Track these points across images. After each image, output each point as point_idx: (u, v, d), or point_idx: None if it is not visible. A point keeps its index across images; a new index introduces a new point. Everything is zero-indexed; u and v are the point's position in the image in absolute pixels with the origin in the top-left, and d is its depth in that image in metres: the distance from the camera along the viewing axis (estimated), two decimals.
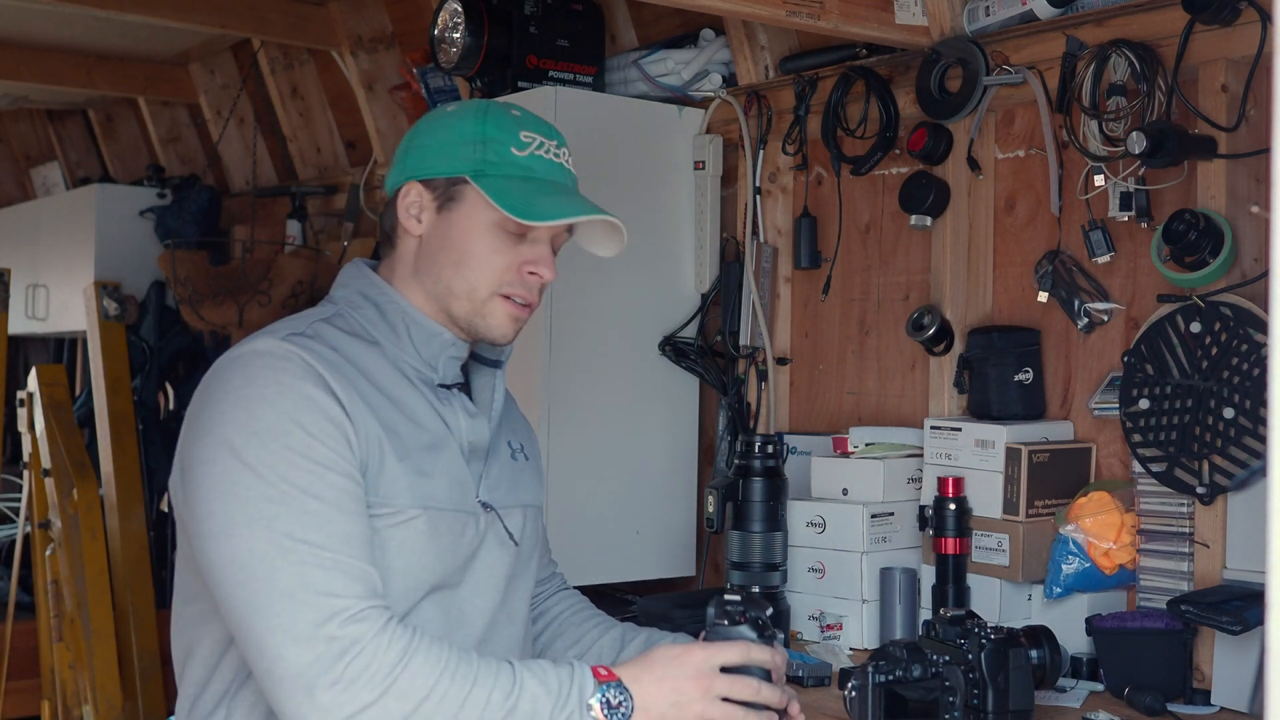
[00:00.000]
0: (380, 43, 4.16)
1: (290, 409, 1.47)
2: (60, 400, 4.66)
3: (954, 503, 2.32)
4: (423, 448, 1.59)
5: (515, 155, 1.64)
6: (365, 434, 1.52)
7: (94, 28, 4.53)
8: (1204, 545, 2.10)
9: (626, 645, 1.91)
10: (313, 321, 1.62)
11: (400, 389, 1.61)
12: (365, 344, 1.63)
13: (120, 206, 5.07)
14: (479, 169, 1.63)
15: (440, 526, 1.58)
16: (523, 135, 1.65)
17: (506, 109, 1.70)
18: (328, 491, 1.46)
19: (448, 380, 1.67)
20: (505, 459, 1.75)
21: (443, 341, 1.66)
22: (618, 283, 2.89)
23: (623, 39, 3.27)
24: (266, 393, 1.48)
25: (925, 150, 2.55)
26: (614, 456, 2.89)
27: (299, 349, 1.52)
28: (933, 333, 2.51)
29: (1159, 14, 2.20)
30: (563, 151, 1.69)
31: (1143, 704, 1.97)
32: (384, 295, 1.67)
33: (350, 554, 1.44)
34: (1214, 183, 2.13)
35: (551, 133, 1.69)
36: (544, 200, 1.61)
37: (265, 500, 1.44)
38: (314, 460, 1.46)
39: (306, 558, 1.42)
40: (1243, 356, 2.05)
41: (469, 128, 1.66)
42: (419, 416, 1.61)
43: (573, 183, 1.70)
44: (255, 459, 1.45)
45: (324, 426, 1.48)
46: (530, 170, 1.64)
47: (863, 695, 1.78)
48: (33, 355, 6.16)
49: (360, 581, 1.44)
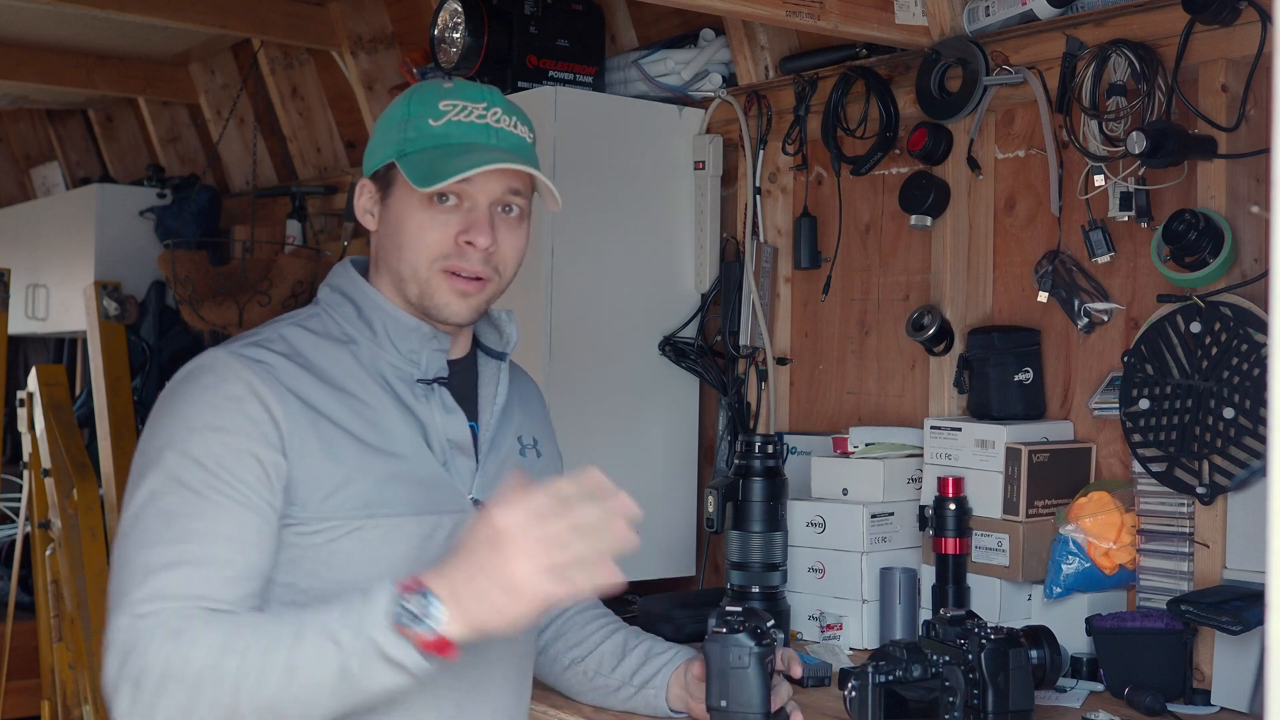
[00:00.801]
0: (380, 43, 4.16)
1: (214, 418, 1.50)
2: (60, 400, 4.66)
3: (954, 503, 2.32)
4: (381, 451, 1.57)
5: (431, 126, 1.61)
6: (303, 446, 1.51)
7: (94, 28, 4.53)
8: (1204, 545, 2.10)
9: (627, 654, 1.91)
10: (285, 325, 1.63)
11: (365, 389, 1.59)
12: (336, 344, 1.62)
13: (120, 206, 5.07)
14: (402, 149, 1.62)
15: (398, 533, 1.55)
16: (441, 104, 1.62)
17: (437, 84, 1.67)
18: (218, 493, 1.47)
19: (430, 374, 1.64)
20: (510, 455, 1.73)
21: (421, 335, 1.64)
22: (618, 283, 2.89)
23: (623, 39, 3.27)
24: (201, 403, 1.52)
25: (925, 150, 2.55)
26: (614, 456, 2.88)
27: (242, 364, 1.54)
28: (933, 333, 2.51)
29: (1159, 14, 2.20)
30: (492, 112, 1.63)
31: (1143, 704, 1.97)
32: (361, 293, 1.66)
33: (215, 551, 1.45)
34: (1214, 183, 2.13)
35: (480, 96, 1.64)
36: (449, 163, 1.57)
37: (162, 485, 1.48)
38: (211, 468, 1.48)
39: (169, 539, 1.45)
40: (1243, 356, 2.04)
41: (396, 112, 1.66)
42: (381, 418, 1.58)
43: (500, 140, 1.62)
44: (168, 454, 1.49)
45: (242, 440, 1.49)
46: (445, 137, 1.60)
47: (863, 695, 1.78)
48: (33, 355, 6.16)
49: (198, 583, 1.44)
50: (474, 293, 1.63)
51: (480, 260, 1.61)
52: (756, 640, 1.75)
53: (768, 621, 1.79)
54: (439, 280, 1.61)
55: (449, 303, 1.62)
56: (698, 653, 1.87)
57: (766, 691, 1.74)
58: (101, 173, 5.86)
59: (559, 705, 1.98)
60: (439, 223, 1.61)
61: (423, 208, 1.61)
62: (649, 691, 1.88)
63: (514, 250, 1.65)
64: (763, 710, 1.74)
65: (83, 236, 5.07)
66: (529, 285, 2.79)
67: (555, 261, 2.78)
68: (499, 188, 1.62)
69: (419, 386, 1.63)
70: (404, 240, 1.62)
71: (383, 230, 1.66)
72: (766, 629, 1.77)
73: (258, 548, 1.49)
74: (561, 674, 1.94)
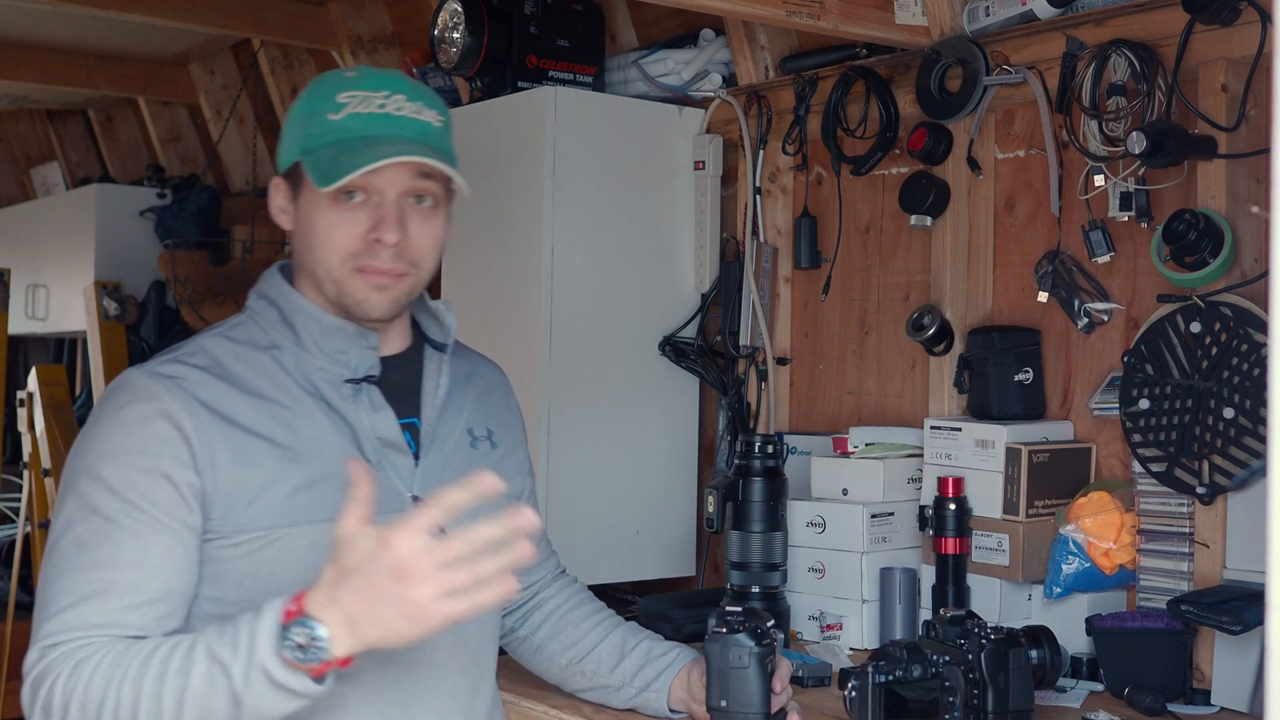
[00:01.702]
0: (380, 43, 4.16)
1: (125, 441, 1.50)
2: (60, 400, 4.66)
3: (954, 503, 2.31)
4: (302, 457, 1.54)
5: (330, 121, 1.56)
6: (215, 459, 1.50)
7: (94, 28, 4.53)
8: (1204, 545, 2.10)
9: (626, 655, 1.90)
10: (209, 336, 1.62)
11: (288, 395, 1.56)
12: (259, 351, 1.59)
13: (120, 206, 5.08)
14: (305, 146, 1.57)
15: (326, 538, 1.49)
16: (340, 97, 1.56)
17: (338, 74, 1.62)
18: (129, 518, 1.47)
19: (360, 373, 1.60)
20: (459, 448, 1.68)
21: (346, 334, 1.60)
22: (618, 283, 2.89)
23: (623, 39, 3.27)
24: (112, 425, 1.52)
25: (925, 150, 2.55)
26: (614, 456, 2.88)
27: (153, 382, 1.52)
28: (933, 333, 2.51)
29: (1159, 14, 2.20)
30: (393, 100, 1.57)
31: (1143, 704, 1.97)
32: (284, 296, 1.63)
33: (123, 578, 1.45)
34: (1214, 183, 2.13)
35: (380, 83, 1.58)
36: (349, 158, 1.52)
37: (76, 512, 1.49)
38: (123, 493, 1.47)
39: (80, 567, 1.46)
40: (1243, 356, 2.04)
41: (299, 108, 1.61)
42: (303, 424, 1.55)
43: (402, 129, 1.56)
44: (82, 479, 1.50)
45: (151, 461, 1.48)
46: (345, 130, 1.55)
47: (863, 695, 1.78)
48: (33, 355, 6.16)
49: (106, 611, 1.44)
50: (390, 285, 1.57)
51: (392, 257, 1.56)
52: (756, 640, 1.74)
53: (768, 621, 1.79)
54: (353, 279, 1.57)
55: (366, 298, 1.57)
56: (698, 653, 1.87)
57: (767, 691, 1.74)
58: (101, 173, 5.86)
59: (559, 705, 1.98)
60: (346, 220, 1.56)
61: (330, 206, 1.56)
62: (650, 694, 1.87)
63: (429, 240, 1.60)
64: (763, 710, 1.74)
65: (83, 236, 5.08)
66: (529, 285, 2.80)
67: (555, 261, 2.78)
68: (405, 179, 1.56)
69: (347, 387, 1.59)
70: (314, 241, 1.58)
71: (297, 230, 1.62)
72: (766, 629, 1.77)
73: (171, 569, 1.48)
74: (560, 673, 1.94)
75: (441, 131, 1.61)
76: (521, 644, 1.96)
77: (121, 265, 5.02)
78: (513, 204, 2.84)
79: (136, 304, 4.99)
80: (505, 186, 2.86)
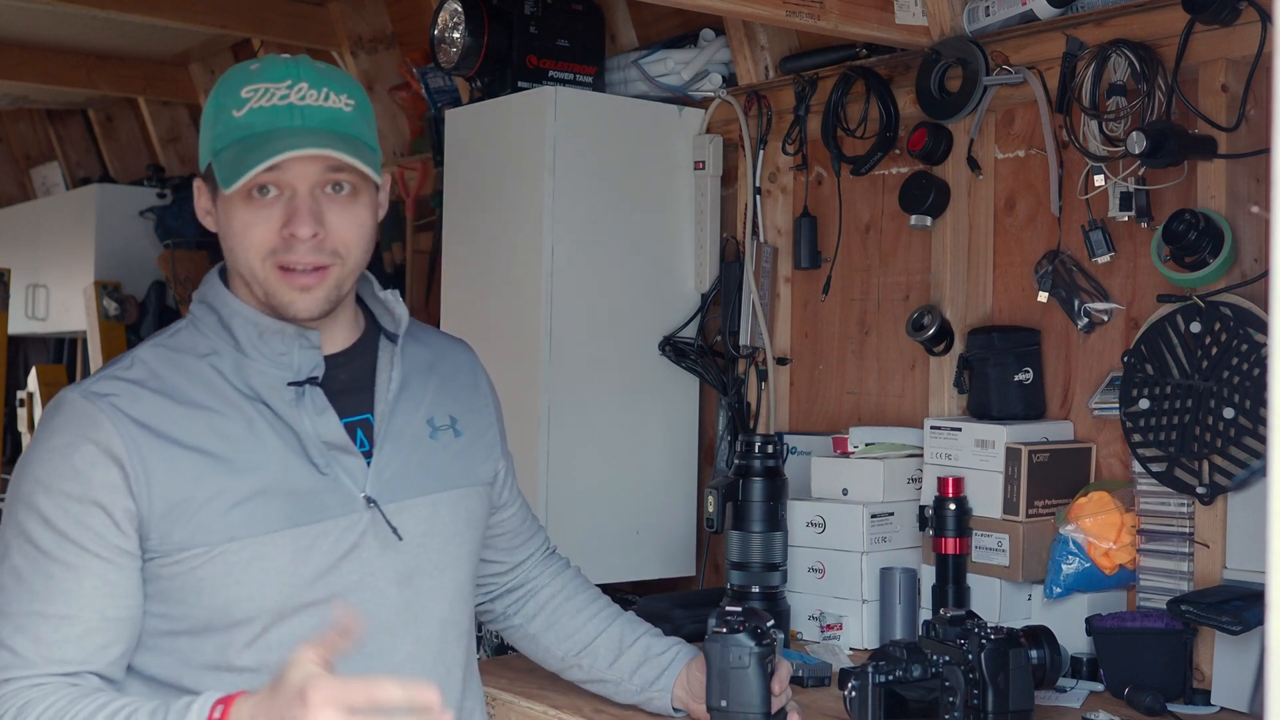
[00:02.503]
0: (380, 43, 4.16)
1: (56, 470, 1.48)
2: None
3: (954, 503, 2.31)
4: (241, 469, 1.51)
5: (235, 118, 1.51)
6: (150, 480, 1.47)
7: (94, 28, 4.53)
8: (1204, 545, 2.10)
9: (624, 650, 1.89)
10: (148, 346, 1.59)
11: (227, 404, 1.53)
12: (196, 359, 1.56)
13: (120, 206, 5.08)
14: (214, 146, 1.53)
15: (270, 549, 1.50)
16: (243, 92, 1.52)
17: (243, 68, 1.57)
18: (63, 550, 1.46)
19: (303, 375, 1.55)
20: (417, 441, 1.64)
21: (285, 335, 1.55)
22: (618, 283, 2.89)
23: (623, 39, 3.27)
24: (46, 453, 1.50)
25: (925, 150, 2.55)
26: (614, 456, 2.88)
27: (86, 404, 1.50)
28: (933, 333, 2.51)
29: (1159, 14, 2.20)
30: (296, 89, 1.51)
31: (1143, 704, 1.97)
32: (221, 300, 1.58)
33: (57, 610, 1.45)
34: (1214, 183, 2.13)
35: (283, 73, 1.53)
36: (250, 156, 1.48)
37: (13, 541, 1.48)
38: (57, 523, 1.47)
39: (17, 598, 1.46)
40: (1243, 356, 2.04)
41: (208, 107, 1.57)
42: (243, 433, 1.52)
43: (305, 119, 1.51)
44: (19, 508, 1.49)
45: (82, 489, 1.47)
46: (248, 127, 1.50)
47: (863, 695, 1.78)
48: (33, 355, 6.16)
49: (44, 644, 1.44)
50: (315, 285, 1.53)
51: (310, 250, 1.51)
52: (756, 640, 1.74)
53: (768, 621, 1.79)
54: (275, 277, 1.52)
55: (292, 300, 1.53)
56: (696, 649, 1.87)
57: (767, 691, 1.74)
58: (101, 173, 5.87)
59: (559, 705, 1.98)
60: (261, 218, 1.51)
61: (243, 205, 1.51)
62: (653, 693, 1.87)
63: (351, 228, 1.54)
64: (763, 710, 1.74)
65: (83, 236, 5.08)
66: (529, 285, 2.80)
67: (555, 261, 2.78)
68: (316, 170, 1.51)
69: (289, 390, 1.55)
70: (233, 241, 1.54)
71: (220, 232, 1.58)
72: (766, 629, 1.77)
73: (106, 599, 1.47)
74: (558, 664, 1.93)
75: (352, 117, 1.55)
76: (516, 632, 1.94)
77: (121, 265, 5.02)
78: (513, 204, 2.84)
79: (136, 304, 4.99)
80: (505, 186, 2.86)
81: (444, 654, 1.66)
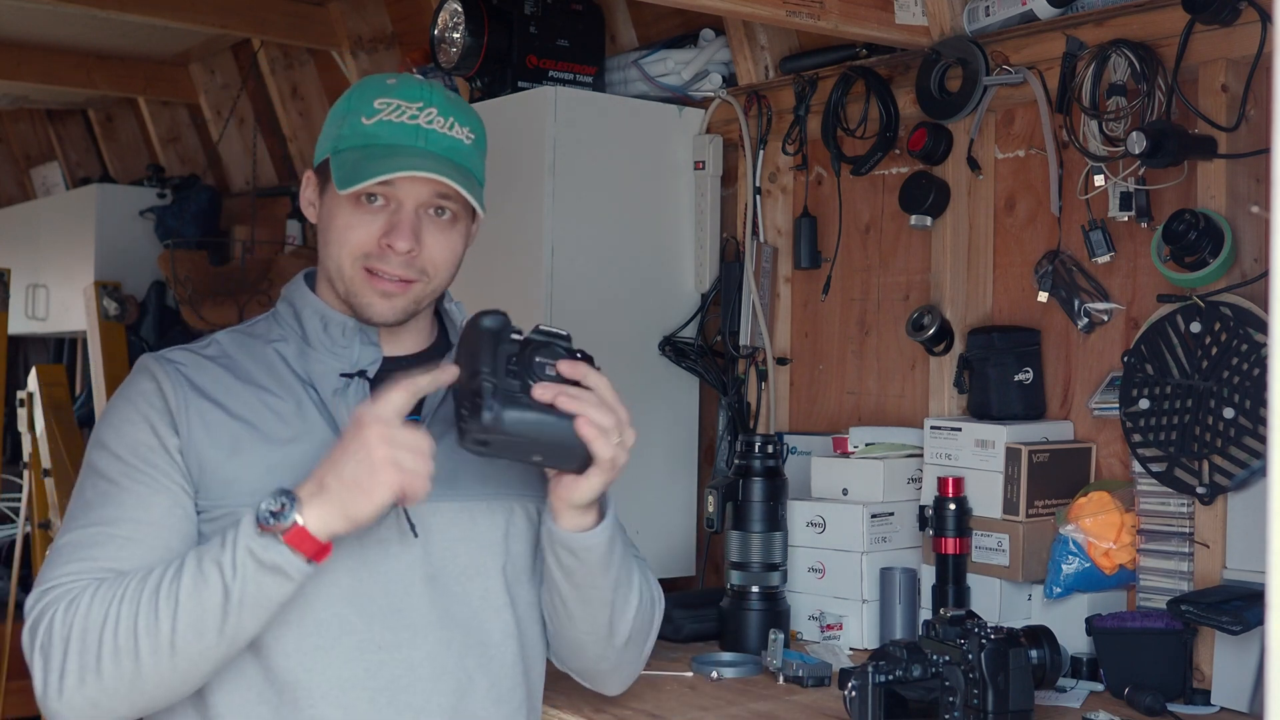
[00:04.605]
0: (380, 43, 4.16)
1: (124, 411, 1.60)
2: (60, 400, 4.66)
3: (954, 503, 2.32)
4: (280, 441, 1.58)
5: (364, 125, 1.61)
6: (190, 429, 1.57)
7: (94, 28, 4.53)
8: (1204, 545, 2.10)
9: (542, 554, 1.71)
10: (230, 331, 1.72)
11: (282, 385, 1.62)
12: (263, 344, 1.66)
13: (120, 206, 5.08)
14: (336, 145, 1.63)
15: None
16: (377, 103, 1.61)
17: (381, 79, 1.67)
18: (129, 479, 1.55)
19: (357, 368, 1.63)
20: (459, 446, 1.59)
21: (348, 328, 1.65)
22: (618, 283, 2.89)
23: (623, 39, 3.27)
24: (116, 401, 1.63)
25: (925, 150, 2.55)
26: None
27: (156, 363, 1.62)
28: (933, 333, 2.51)
29: (1159, 14, 2.20)
30: (426, 113, 1.61)
31: (1143, 704, 1.97)
32: (300, 295, 1.70)
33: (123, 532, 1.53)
34: (1214, 183, 2.13)
35: (417, 95, 1.62)
36: (370, 165, 1.57)
37: (85, 479, 1.59)
38: (123, 455, 1.56)
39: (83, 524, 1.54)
40: (1243, 356, 2.04)
41: (339, 107, 1.67)
42: (291, 411, 1.60)
43: (429, 143, 1.60)
44: (91, 451, 1.61)
45: (142, 434, 1.57)
46: (374, 137, 1.60)
47: (863, 695, 1.78)
48: (33, 355, 6.16)
49: (106, 560, 1.51)
50: (398, 294, 1.62)
51: (401, 264, 1.61)
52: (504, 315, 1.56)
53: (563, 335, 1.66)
54: (361, 280, 1.62)
55: (372, 302, 1.62)
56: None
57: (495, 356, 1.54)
58: (101, 173, 5.87)
59: (559, 705, 1.98)
60: (364, 222, 1.61)
61: (350, 206, 1.61)
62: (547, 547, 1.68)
63: (443, 252, 1.63)
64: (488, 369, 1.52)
65: (83, 236, 5.08)
66: (529, 284, 2.80)
67: (555, 261, 2.78)
68: (425, 192, 1.60)
69: (339, 380, 1.63)
70: (331, 236, 1.64)
71: (319, 224, 1.68)
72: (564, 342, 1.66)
73: (166, 527, 1.54)
74: (562, 650, 1.79)
75: (470, 150, 1.64)
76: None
77: (121, 265, 5.02)
78: (513, 204, 2.84)
79: (136, 304, 4.98)
80: (505, 186, 2.86)
81: (465, 659, 1.62)
